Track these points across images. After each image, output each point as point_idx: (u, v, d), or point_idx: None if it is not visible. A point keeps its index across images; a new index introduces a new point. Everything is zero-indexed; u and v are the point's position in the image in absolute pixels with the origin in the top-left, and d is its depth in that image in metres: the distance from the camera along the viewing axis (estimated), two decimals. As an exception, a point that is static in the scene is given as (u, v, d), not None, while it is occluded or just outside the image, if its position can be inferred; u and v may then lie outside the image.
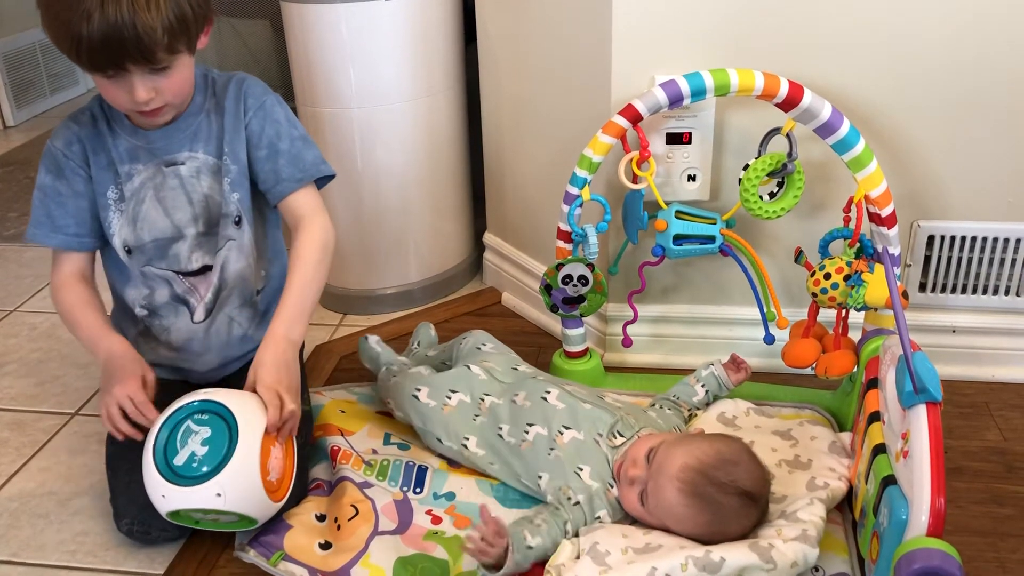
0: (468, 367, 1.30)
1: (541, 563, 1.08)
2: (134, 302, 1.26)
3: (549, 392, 1.23)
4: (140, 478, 1.07)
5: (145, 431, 1.10)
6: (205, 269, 1.24)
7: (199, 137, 1.20)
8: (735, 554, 1.01)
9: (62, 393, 1.55)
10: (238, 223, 1.23)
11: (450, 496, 1.21)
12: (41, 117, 3.23)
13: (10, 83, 3.12)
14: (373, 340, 1.47)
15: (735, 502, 1.05)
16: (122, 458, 1.19)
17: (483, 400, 1.26)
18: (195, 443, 1.04)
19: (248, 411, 1.07)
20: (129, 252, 1.22)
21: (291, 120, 1.24)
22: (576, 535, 1.10)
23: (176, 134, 1.19)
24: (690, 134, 1.36)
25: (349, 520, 1.15)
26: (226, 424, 1.05)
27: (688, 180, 1.39)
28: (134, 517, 1.15)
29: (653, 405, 1.31)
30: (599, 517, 1.12)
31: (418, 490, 1.23)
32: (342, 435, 1.32)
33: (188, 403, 1.09)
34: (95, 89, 1.13)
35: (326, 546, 1.13)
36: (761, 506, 1.08)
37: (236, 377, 1.26)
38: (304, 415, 1.29)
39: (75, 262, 1.23)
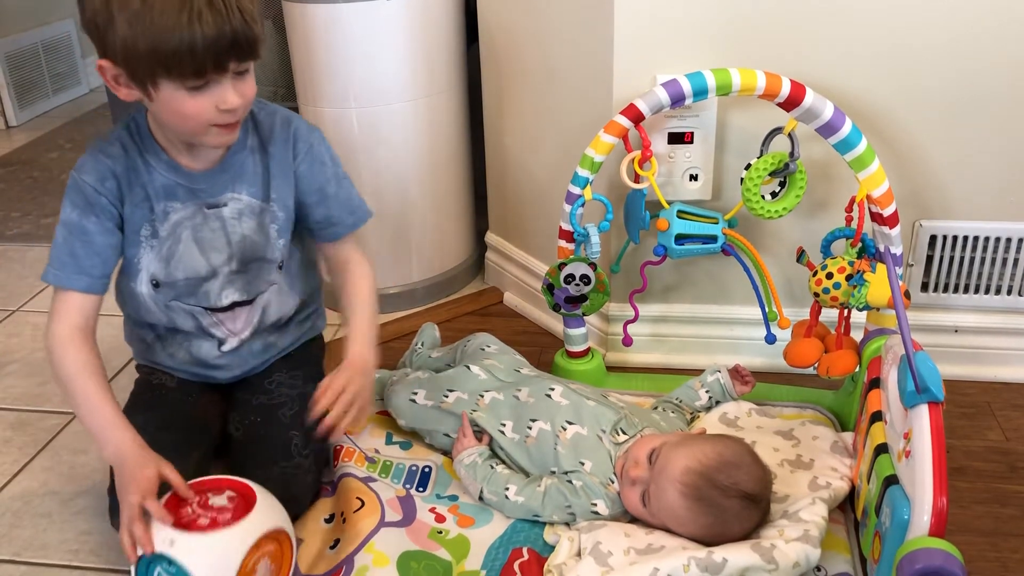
0: (468, 367, 1.30)
1: (540, 561, 1.09)
2: (157, 323, 1.22)
3: (553, 389, 1.23)
4: None
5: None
6: (235, 305, 1.22)
7: (243, 179, 1.16)
8: (737, 555, 1.01)
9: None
10: (281, 267, 1.22)
11: (453, 498, 1.21)
12: (43, 117, 3.23)
13: (12, 83, 3.12)
14: None
15: (737, 504, 1.05)
16: None
17: (482, 397, 1.26)
18: None
19: (210, 569, 0.98)
20: (156, 286, 1.18)
21: (335, 159, 1.22)
22: (573, 522, 1.12)
23: (220, 176, 1.15)
24: (692, 134, 1.36)
25: (355, 511, 1.16)
26: None
27: (690, 180, 1.39)
28: None
29: (656, 407, 1.31)
30: (595, 505, 1.12)
31: (421, 489, 1.23)
32: (345, 433, 1.31)
33: (158, 553, 0.98)
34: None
35: (335, 545, 1.14)
36: (763, 507, 1.08)
37: (256, 378, 1.28)
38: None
39: (87, 310, 1.12)
